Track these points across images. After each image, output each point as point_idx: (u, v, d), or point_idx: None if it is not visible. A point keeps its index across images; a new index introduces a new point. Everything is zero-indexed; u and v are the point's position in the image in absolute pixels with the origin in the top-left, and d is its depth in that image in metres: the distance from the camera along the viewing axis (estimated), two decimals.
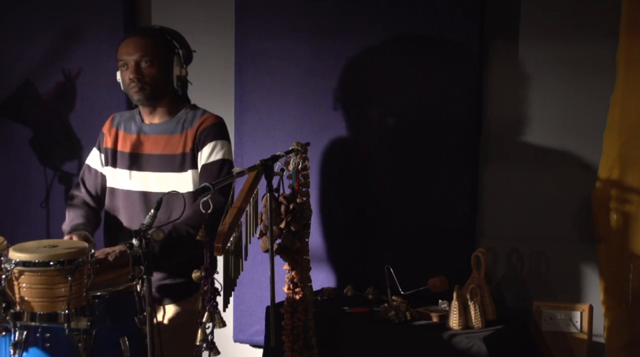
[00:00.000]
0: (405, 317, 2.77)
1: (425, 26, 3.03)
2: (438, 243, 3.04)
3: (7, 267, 2.18)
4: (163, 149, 2.73)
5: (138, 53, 2.66)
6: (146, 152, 2.75)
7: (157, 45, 2.70)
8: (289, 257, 2.63)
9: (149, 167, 2.73)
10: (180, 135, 2.72)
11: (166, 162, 2.71)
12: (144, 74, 2.67)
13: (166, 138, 2.73)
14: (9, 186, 3.63)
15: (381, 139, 3.13)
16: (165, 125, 2.75)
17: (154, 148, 2.74)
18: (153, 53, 2.68)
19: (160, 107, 2.76)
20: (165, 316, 2.74)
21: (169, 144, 2.72)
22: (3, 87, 3.60)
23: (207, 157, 2.68)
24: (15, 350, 2.24)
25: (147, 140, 2.75)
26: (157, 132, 2.75)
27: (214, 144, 2.68)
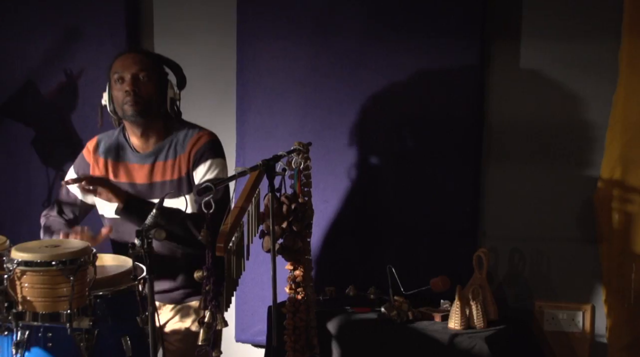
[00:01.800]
0: (407, 317, 2.77)
1: (427, 26, 3.04)
2: (440, 243, 3.04)
3: (10, 267, 2.18)
4: (157, 176, 2.67)
5: (137, 66, 2.63)
6: (139, 181, 2.69)
7: (153, 64, 2.68)
8: (290, 257, 2.63)
9: (148, 196, 2.68)
10: (174, 161, 2.67)
11: (161, 189, 2.66)
12: (140, 88, 2.62)
13: (160, 165, 2.68)
14: (11, 185, 3.63)
15: (383, 139, 3.13)
16: (156, 152, 2.68)
17: (148, 177, 2.68)
18: (150, 70, 2.65)
19: (150, 130, 2.68)
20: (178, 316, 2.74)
21: (163, 171, 2.67)
22: (5, 87, 3.60)
23: (202, 177, 2.64)
24: (17, 350, 2.24)
25: (140, 169, 2.69)
26: (148, 160, 2.69)
27: (209, 164, 2.65)
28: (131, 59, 2.65)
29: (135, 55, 2.67)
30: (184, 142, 2.68)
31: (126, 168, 2.71)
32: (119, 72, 2.64)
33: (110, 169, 2.73)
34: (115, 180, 2.71)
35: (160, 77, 2.69)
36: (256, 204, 2.41)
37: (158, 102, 2.67)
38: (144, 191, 2.68)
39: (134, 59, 2.65)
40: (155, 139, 2.70)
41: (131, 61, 2.64)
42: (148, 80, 2.64)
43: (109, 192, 2.57)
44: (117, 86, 2.65)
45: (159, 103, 2.67)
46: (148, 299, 2.02)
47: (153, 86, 2.65)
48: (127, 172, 2.71)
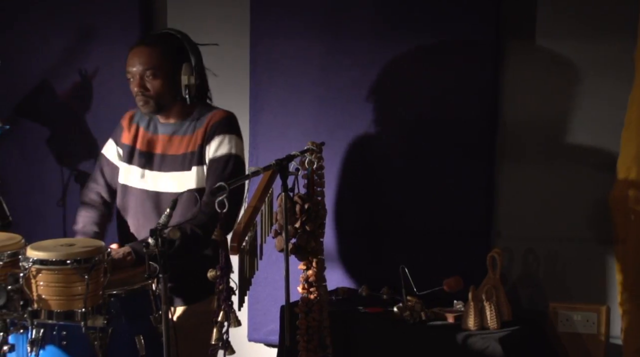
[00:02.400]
0: (420, 317, 2.76)
1: (441, 25, 3.02)
2: (453, 243, 3.03)
3: (25, 266, 2.20)
4: (175, 149, 2.72)
5: (141, 66, 2.63)
6: (159, 152, 2.74)
7: (161, 55, 2.65)
8: (303, 257, 2.63)
9: (161, 167, 2.73)
10: (191, 136, 2.70)
11: (176, 162, 2.70)
12: (147, 87, 2.64)
13: (179, 139, 2.72)
14: (26, 184, 3.65)
15: (396, 139, 3.12)
16: (178, 126, 2.74)
17: (167, 148, 2.73)
18: (156, 64, 2.63)
19: (173, 112, 2.74)
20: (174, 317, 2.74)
21: (181, 145, 2.71)
22: (20, 87, 3.63)
23: (214, 151, 2.65)
24: (32, 348, 2.26)
25: (162, 140, 2.75)
26: (171, 133, 2.74)
27: (221, 138, 2.66)
28: (137, 57, 2.65)
29: (142, 50, 2.65)
30: (202, 118, 2.71)
31: (150, 137, 2.76)
32: (128, 70, 2.67)
33: (139, 137, 2.78)
34: (139, 148, 2.76)
35: (171, 66, 2.65)
36: (269, 204, 2.41)
37: (171, 93, 2.67)
38: (162, 161, 2.72)
39: (139, 55, 2.64)
40: (179, 115, 2.74)
41: (137, 59, 2.64)
42: (154, 77, 2.64)
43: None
44: (131, 82, 2.69)
45: (172, 94, 2.68)
46: (162, 298, 2.03)
47: (161, 80, 2.64)
48: (153, 141, 2.75)
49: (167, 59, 2.66)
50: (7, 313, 2.19)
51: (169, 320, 2.08)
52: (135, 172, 2.78)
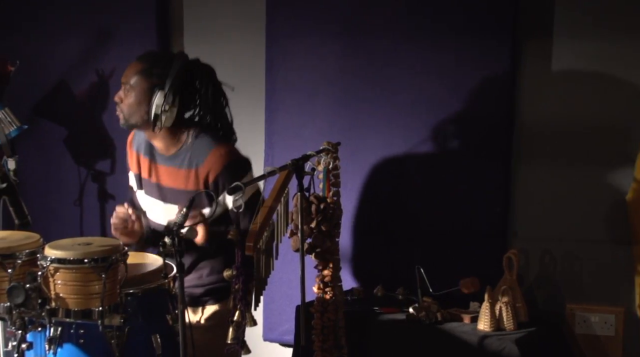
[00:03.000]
0: (436, 318, 2.75)
1: (458, 25, 3.01)
2: (469, 244, 3.02)
3: (43, 264, 2.22)
4: (176, 183, 2.65)
5: (125, 77, 2.61)
6: (162, 183, 2.70)
7: (142, 74, 2.57)
8: (319, 257, 2.63)
9: (166, 199, 2.70)
10: (189, 171, 2.62)
11: (181, 197, 2.63)
12: (123, 99, 2.62)
13: (176, 171, 2.65)
14: (44, 184, 3.68)
15: (412, 138, 3.11)
16: (174, 158, 2.66)
17: (168, 181, 2.68)
18: (132, 82, 2.57)
19: (166, 141, 2.65)
20: (203, 316, 2.75)
21: (179, 179, 2.64)
22: (38, 87, 3.65)
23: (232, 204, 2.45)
24: (50, 346, 2.27)
25: (162, 171, 2.70)
26: (168, 164, 2.68)
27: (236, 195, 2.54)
28: (128, 68, 2.62)
29: (133, 64, 2.62)
30: (200, 154, 2.60)
31: (152, 166, 2.74)
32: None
33: (141, 164, 2.77)
34: (144, 176, 2.74)
35: (151, 85, 2.56)
36: (285, 204, 2.41)
37: (145, 112, 2.58)
38: (163, 192, 2.70)
39: (129, 68, 2.62)
40: (169, 143, 2.66)
41: (126, 71, 2.62)
42: (128, 92, 2.59)
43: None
44: None
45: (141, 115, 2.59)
46: (178, 297, 2.03)
47: (134, 96, 2.58)
48: (153, 170, 2.73)
49: (146, 79, 2.58)
50: (25, 311, 2.20)
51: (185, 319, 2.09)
52: (145, 200, 2.77)
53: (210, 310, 2.74)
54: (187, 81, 2.62)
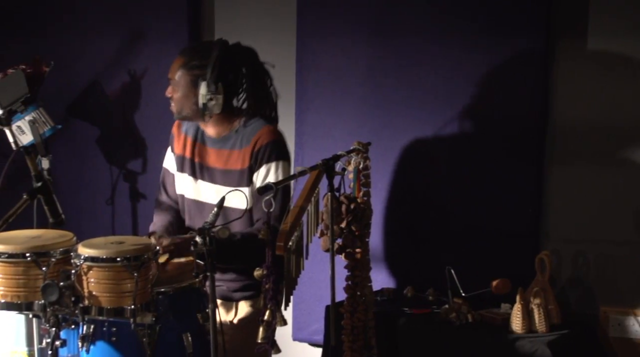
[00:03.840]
0: (467, 319, 2.73)
1: (490, 24, 2.99)
2: (501, 245, 2.99)
3: (77, 263, 2.24)
4: (225, 164, 2.73)
5: (171, 73, 2.72)
6: (208, 164, 2.76)
7: (185, 66, 2.69)
8: (349, 257, 2.63)
9: (210, 179, 2.75)
10: (239, 152, 2.71)
11: (227, 177, 2.72)
12: (173, 94, 2.73)
13: (227, 153, 2.73)
14: (77, 183, 3.72)
15: (443, 138, 3.10)
16: (225, 140, 2.75)
17: (217, 162, 2.75)
18: (179, 74, 2.69)
19: (217, 126, 2.75)
20: (238, 315, 2.76)
21: (230, 160, 2.72)
22: (71, 87, 3.70)
23: (263, 180, 2.66)
24: (83, 343, 2.30)
25: (210, 153, 2.77)
26: (219, 146, 2.76)
27: (268, 167, 2.67)
28: (173, 64, 2.73)
29: (177, 60, 2.73)
30: (250, 135, 2.71)
31: (201, 149, 2.79)
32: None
33: (188, 146, 2.81)
34: (189, 157, 2.80)
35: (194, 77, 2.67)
36: (315, 204, 2.42)
37: (190, 105, 2.69)
38: (212, 173, 2.74)
39: (174, 64, 2.73)
40: (221, 129, 2.76)
41: (172, 67, 2.73)
42: (175, 87, 2.71)
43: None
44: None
45: (190, 105, 2.69)
46: (209, 296, 2.04)
47: (181, 90, 2.69)
48: (201, 153, 2.79)
49: (190, 70, 2.68)
50: (59, 309, 2.23)
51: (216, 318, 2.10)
52: (186, 181, 2.81)
53: (243, 308, 2.75)
54: (230, 67, 2.71)
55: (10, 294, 2.31)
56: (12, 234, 2.42)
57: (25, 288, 2.30)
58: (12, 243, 2.32)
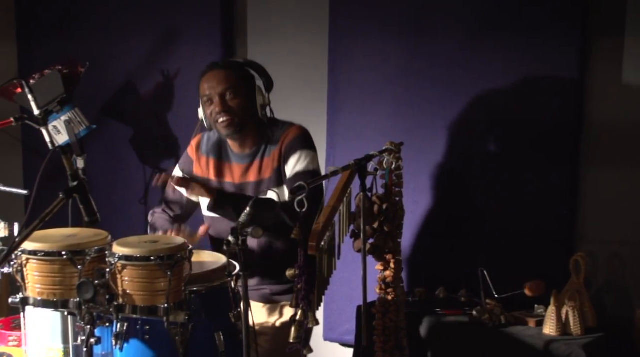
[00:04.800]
0: (500, 321, 2.71)
1: (526, 24, 2.95)
2: (535, 246, 2.96)
3: (111, 261, 2.26)
4: (252, 177, 2.72)
5: (222, 86, 2.65)
6: (235, 181, 2.74)
7: (237, 76, 2.68)
8: (381, 258, 2.62)
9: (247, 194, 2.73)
10: (268, 159, 2.71)
11: (254, 189, 2.71)
12: (230, 106, 2.65)
13: (256, 165, 2.72)
14: (111, 182, 3.77)
15: (476, 139, 3.07)
16: (254, 154, 2.73)
17: (243, 177, 2.73)
18: (235, 84, 2.66)
19: (249, 139, 2.73)
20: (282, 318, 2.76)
21: (258, 172, 2.71)
22: (106, 87, 3.75)
23: (292, 169, 2.67)
24: (117, 341, 2.32)
25: (237, 169, 2.75)
26: (247, 162, 2.73)
27: (297, 156, 2.67)
28: (215, 79, 2.67)
29: (218, 73, 2.67)
30: (277, 138, 2.71)
31: (227, 167, 2.77)
32: (206, 94, 2.67)
33: (212, 168, 2.79)
34: (216, 179, 2.77)
35: (248, 86, 2.69)
36: (348, 204, 2.41)
37: (250, 113, 2.69)
38: (244, 189, 2.73)
39: (217, 77, 2.66)
40: (252, 142, 2.74)
41: (215, 81, 2.66)
42: (235, 96, 2.65)
43: (200, 189, 2.62)
44: (208, 106, 2.69)
45: (251, 114, 2.69)
46: (242, 296, 2.05)
47: (241, 100, 2.66)
48: (228, 171, 2.76)
49: (243, 79, 2.69)
50: (94, 307, 2.25)
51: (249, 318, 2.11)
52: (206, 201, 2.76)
53: (288, 312, 2.75)
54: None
55: (46, 291, 2.34)
56: (48, 233, 2.45)
57: (61, 286, 2.32)
58: (48, 242, 2.36)
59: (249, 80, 2.71)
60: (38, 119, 2.72)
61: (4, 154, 4.00)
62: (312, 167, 2.69)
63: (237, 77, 2.68)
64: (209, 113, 2.68)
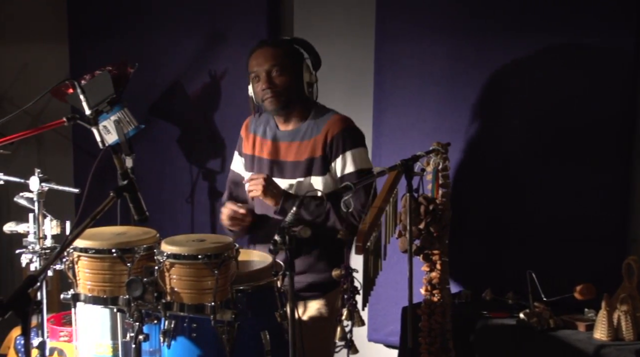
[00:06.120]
0: (548, 324, 2.66)
1: (575, 21, 2.90)
2: (585, 249, 2.90)
3: (160, 259, 2.29)
4: (294, 156, 2.76)
5: (268, 63, 2.71)
6: (279, 158, 2.79)
7: (285, 53, 2.73)
8: (427, 259, 2.60)
9: (282, 174, 2.78)
10: (308, 141, 2.73)
11: (295, 168, 2.75)
12: (275, 83, 2.71)
13: (297, 144, 2.76)
14: (158, 181, 3.82)
15: (523, 139, 3.02)
16: (296, 132, 2.78)
17: (287, 155, 2.77)
18: (282, 61, 2.71)
19: (293, 116, 2.78)
20: (307, 313, 2.78)
21: (300, 151, 2.75)
22: (154, 88, 3.80)
23: (342, 170, 2.69)
24: (164, 338, 2.35)
25: (281, 147, 2.80)
26: (290, 139, 2.78)
27: (346, 156, 2.68)
28: (263, 56, 2.73)
29: (266, 50, 2.74)
30: (320, 124, 2.73)
31: (270, 145, 2.81)
32: (254, 70, 2.74)
33: (257, 145, 2.85)
34: (259, 155, 2.82)
35: (295, 63, 2.74)
36: (394, 204, 2.40)
37: (296, 90, 2.73)
38: (281, 167, 2.77)
39: (265, 54, 2.73)
40: (297, 120, 2.79)
41: (263, 58, 2.72)
42: (281, 72, 2.71)
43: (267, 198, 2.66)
44: (255, 82, 2.76)
45: (297, 90, 2.73)
46: (289, 295, 2.05)
47: (288, 76, 2.71)
48: (270, 149, 2.81)
49: (290, 57, 2.74)
50: (142, 304, 2.29)
51: (295, 317, 2.11)
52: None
53: (312, 306, 2.76)
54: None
55: (96, 288, 2.38)
56: (98, 231, 2.50)
57: (111, 283, 2.37)
58: (98, 239, 2.40)
59: (296, 57, 2.75)
60: (89, 119, 2.76)
61: (56, 153, 4.09)
62: (362, 166, 2.70)
63: (284, 54, 2.73)
64: (257, 90, 2.74)
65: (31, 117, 3.93)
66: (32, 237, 2.78)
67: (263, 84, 2.71)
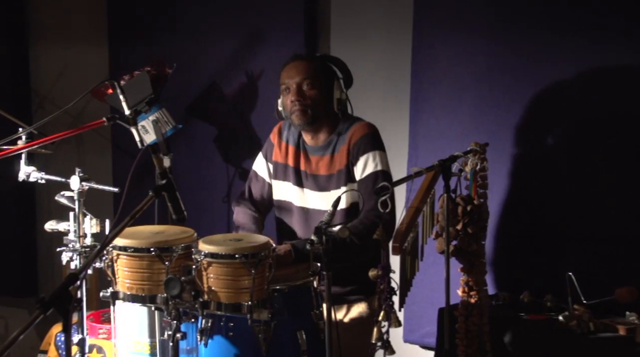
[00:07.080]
0: (588, 327, 2.62)
1: (619, 18, 2.84)
2: (626, 251, 2.84)
3: (197, 258, 2.31)
4: (325, 170, 2.75)
5: (300, 76, 2.70)
6: (310, 171, 2.78)
7: (317, 68, 2.73)
8: (464, 260, 2.58)
9: (312, 186, 2.77)
10: (338, 154, 2.73)
11: (326, 182, 2.74)
12: (305, 96, 2.70)
13: (328, 159, 2.75)
14: (195, 181, 3.85)
15: (563, 140, 2.98)
16: (325, 147, 2.77)
17: (317, 169, 2.77)
18: (314, 75, 2.71)
19: (322, 130, 2.77)
20: (348, 315, 2.77)
21: (329, 165, 2.74)
22: (192, 88, 3.83)
23: (361, 172, 2.68)
24: (201, 337, 2.37)
25: (312, 161, 2.79)
26: (321, 153, 2.77)
27: (365, 158, 2.67)
28: (295, 68, 2.73)
29: (299, 63, 2.73)
30: (345, 134, 2.74)
31: (301, 156, 2.81)
32: (285, 82, 2.74)
33: (290, 154, 2.84)
34: (292, 165, 2.82)
35: (326, 79, 2.73)
36: (431, 205, 2.39)
37: (325, 106, 2.72)
38: (316, 180, 2.77)
39: (297, 67, 2.73)
40: (325, 135, 2.78)
41: (295, 71, 2.72)
42: (312, 86, 2.70)
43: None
44: (285, 95, 2.75)
45: (325, 107, 2.72)
46: (326, 295, 2.06)
47: (318, 90, 2.71)
48: (302, 160, 2.81)
49: (322, 72, 2.74)
50: (180, 303, 2.31)
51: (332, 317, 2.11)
52: (291, 189, 2.82)
53: (355, 309, 2.76)
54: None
55: (135, 286, 2.41)
56: (137, 230, 2.53)
57: (149, 281, 2.40)
58: (137, 238, 2.43)
59: (328, 73, 2.75)
60: (128, 119, 2.79)
61: (95, 153, 4.15)
62: (380, 168, 2.68)
63: (316, 69, 2.73)
64: (287, 102, 2.74)
65: (71, 117, 4.00)
66: (73, 236, 2.83)
67: (293, 96, 2.71)
